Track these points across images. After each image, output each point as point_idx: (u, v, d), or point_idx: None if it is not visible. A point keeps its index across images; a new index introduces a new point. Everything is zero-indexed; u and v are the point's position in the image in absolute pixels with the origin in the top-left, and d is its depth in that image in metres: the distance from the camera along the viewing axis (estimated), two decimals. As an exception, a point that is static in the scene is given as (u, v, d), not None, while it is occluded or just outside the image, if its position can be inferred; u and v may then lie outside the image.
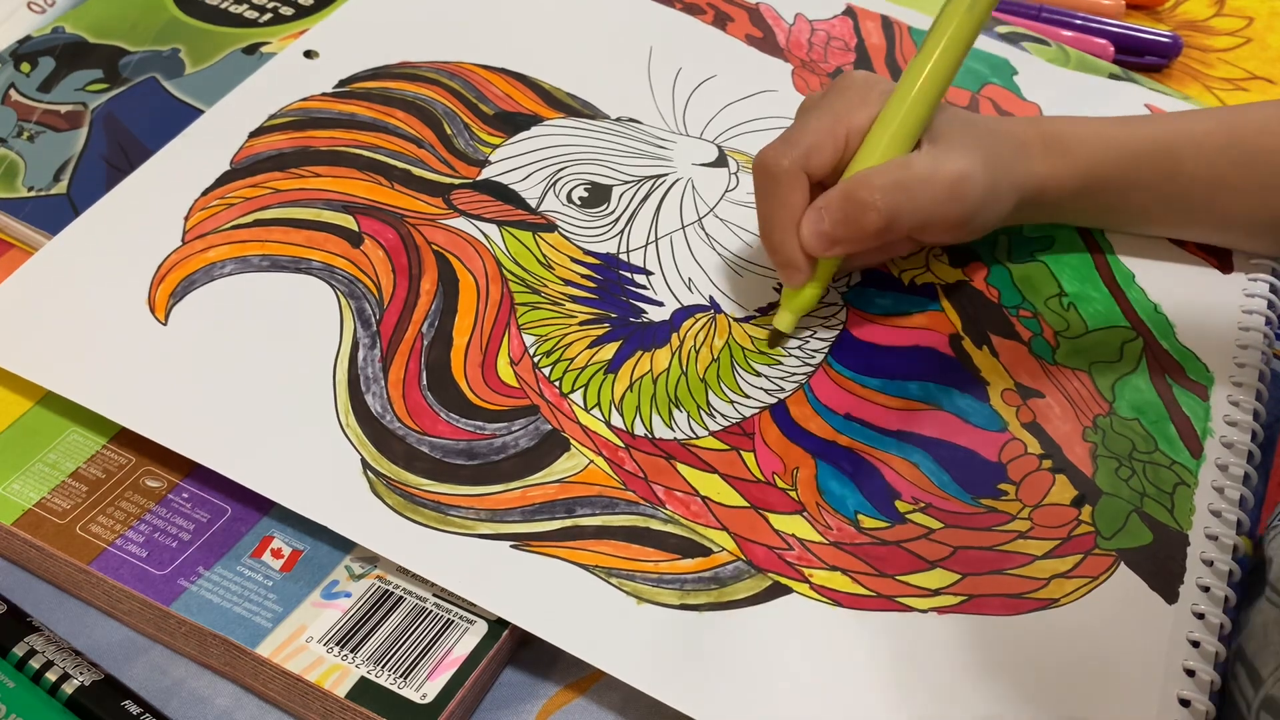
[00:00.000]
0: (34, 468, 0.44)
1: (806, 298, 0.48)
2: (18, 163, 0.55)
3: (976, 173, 0.47)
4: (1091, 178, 0.51)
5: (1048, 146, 0.50)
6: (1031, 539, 0.44)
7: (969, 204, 0.47)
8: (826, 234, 0.46)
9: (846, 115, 0.47)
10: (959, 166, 0.46)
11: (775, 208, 0.47)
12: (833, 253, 0.46)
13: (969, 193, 0.47)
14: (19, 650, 0.40)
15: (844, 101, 0.47)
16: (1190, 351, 0.51)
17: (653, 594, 0.41)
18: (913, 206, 0.46)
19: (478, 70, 0.59)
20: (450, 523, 0.42)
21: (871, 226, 0.45)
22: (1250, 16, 0.73)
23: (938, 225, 0.47)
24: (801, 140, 0.46)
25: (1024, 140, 0.50)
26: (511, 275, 0.50)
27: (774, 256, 0.47)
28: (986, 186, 0.47)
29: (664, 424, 0.46)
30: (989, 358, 0.49)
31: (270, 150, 0.54)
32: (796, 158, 0.46)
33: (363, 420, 0.45)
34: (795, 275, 0.47)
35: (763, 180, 0.47)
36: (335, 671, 0.39)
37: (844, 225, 0.45)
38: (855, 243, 0.46)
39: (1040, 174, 0.50)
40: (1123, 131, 0.51)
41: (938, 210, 0.46)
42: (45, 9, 0.63)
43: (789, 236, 0.46)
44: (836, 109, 0.47)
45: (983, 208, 0.48)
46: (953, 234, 0.49)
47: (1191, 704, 0.40)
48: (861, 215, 0.45)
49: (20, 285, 0.49)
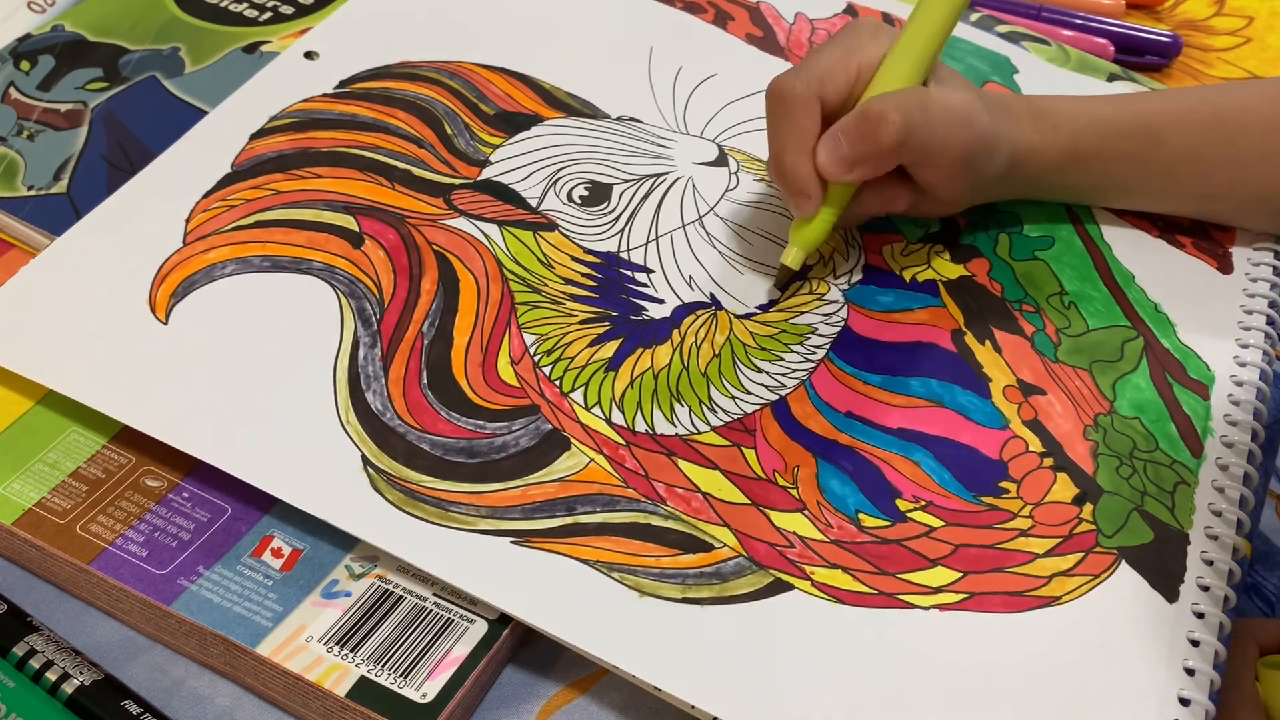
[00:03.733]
0: (34, 467, 0.44)
1: (816, 230, 0.49)
2: (17, 162, 0.55)
3: (981, 110, 0.48)
4: (1076, 151, 0.52)
5: (1036, 119, 0.51)
6: (1032, 537, 0.44)
7: (978, 133, 0.48)
8: (845, 156, 0.47)
9: (858, 49, 0.48)
10: (967, 97, 0.48)
11: (788, 132, 0.47)
12: (850, 177, 0.47)
13: (979, 122, 0.48)
14: (19, 650, 0.40)
15: (855, 37, 0.49)
16: (1191, 351, 0.51)
17: (655, 588, 0.41)
18: (927, 123, 0.47)
19: (478, 70, 0.59)
20: (451, 518, 0.42)
21: (888, 140, 0.46)
22: (1250, 16, 0.73)
23: (947, 153, 0.48)
24: (815, 67, 0.48)
25: (1014, 108, 0.51)
26: (512, 274, 0.50)
27: (784, 183, 0.48)
28: (989, 127, 0.49)
29: (665, 419, 0.46)
30: (991, 352, 0.50)
31: (271, 152, 0.54)
32: (811, 81, 0.47)
33: (363, 417, 0.45)
34: (805, 203, 0.48)
35: (776, 105, 0.48)
36: (335, 671, 0.39)
37: (861, 143, 0.46)
38: (872, 162, 0.47)
39: (1028, 141, 0.51)
40: (1106, 108, 0.52)
41: (950, 135, 0.47)
42: (45, 8, 0.63)
43: (801, 160, 0.47)
44: (849, 43, 0.49)
45: (986, 152, 0.49)
46: (960, 171, 0.49)
47: (1191, 703, 0.40)
48: (878, 129, 0.46)
49: (22, 286, 0.49)
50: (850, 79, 0.48)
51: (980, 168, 0.50)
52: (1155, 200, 0.55)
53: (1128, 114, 0.52)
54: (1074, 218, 0.56)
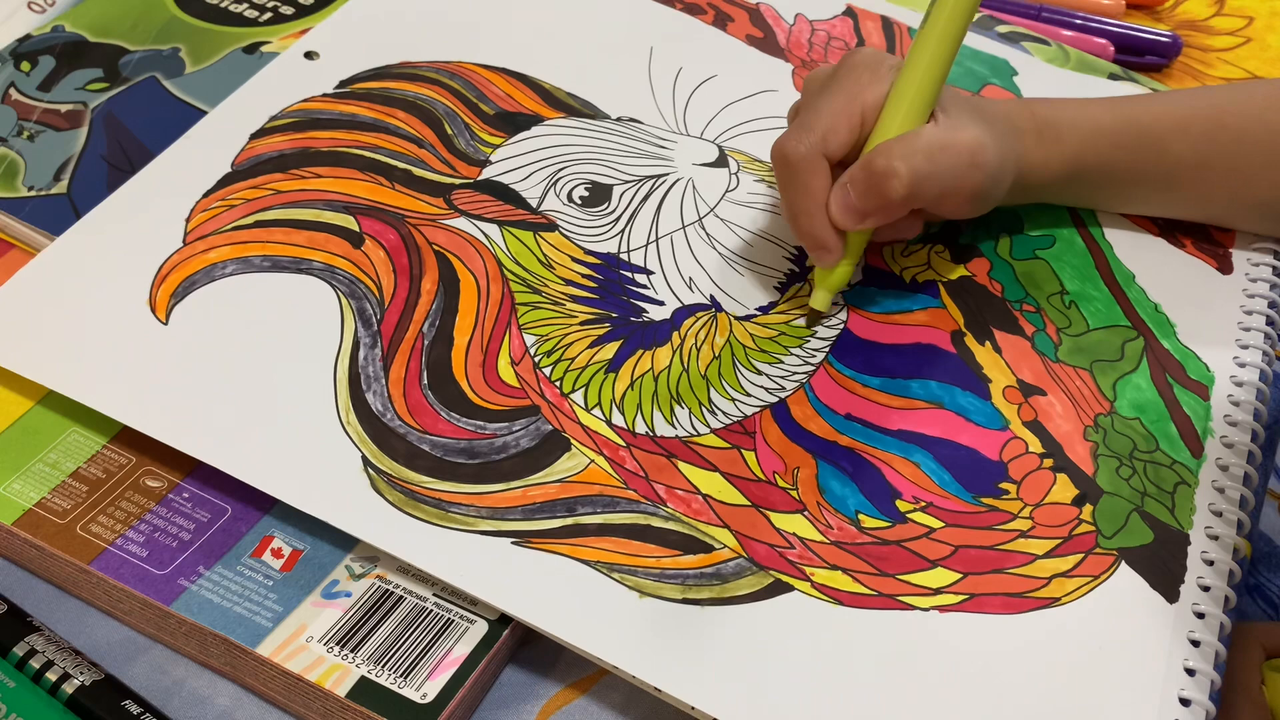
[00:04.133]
0: (34, 468, 0.44)
1: (840, 275, 0.49)
2: (18, 162, 0.55)
3: (989, 142, 0.48)
4: (1080, 163, 0.52)
5: (1040, 134, 0.51)
6: (1032, 538, 0.44)
7: (987, 171, 0.48)
8: (855, 207, 0.47)
9: (859, 93, 0.47)
10: (974, 134, 0.47)
11: (799, 195, 0.47)
12: (863, 225, 0.47)
13: (987, 160, 0.48)
14: (19, 650, 0.40)
15: (855, 80, 0.48)
16: (1191, 351, 0.51)
17: (655, 588, 0.41)
18: (935, 172, 0.46)
19: (478, 70, 0.59)
20: (451, 519, 0.42)
21: (896, 194, 0.46)
22: (1250, 16, 0.73)
23: (957, 194, 0.48)
24: (817, 125, 0.47)
25: (1018, 125, 0.51)
26: (512, 275, 0.50)
27: (804, 241, 0.48)
28: (997, 163, 0.48)
29: (665, 421, 0.46)
30: (991, 353, 0.50)
31: (271, 152, 0.54)
32: (814, 143, 0.47)
33: (363, 418, 0.45)
34: (827, 256, 0.48)
35: (783, 170, 0.48)
36: (335, 671, 0.39)
37: (869, 196, 0.46)
38: (882, 212, 0.47)
39: (1032, 158, 0.51)
40: (1110, 116, 0.52)
41: (959, 178, 0.47)
42: (45, 8, 0.63)
43: (817, 219, 0.47)
44: (849, 88, 0.48)
45: (993, 184, 0.49)
46: (970, 205, 0.49)
47: (1192, 704, 0.40)
48: (886, 183, 0.46)
49: (22, 286, 0.49)
50: (855, 127, 0.47)
51: (990, 195, 0.50)
52: (1158, 205, 0.55)
53: (1131, 123, 0.52)
54: (1075, 217, 0.56)
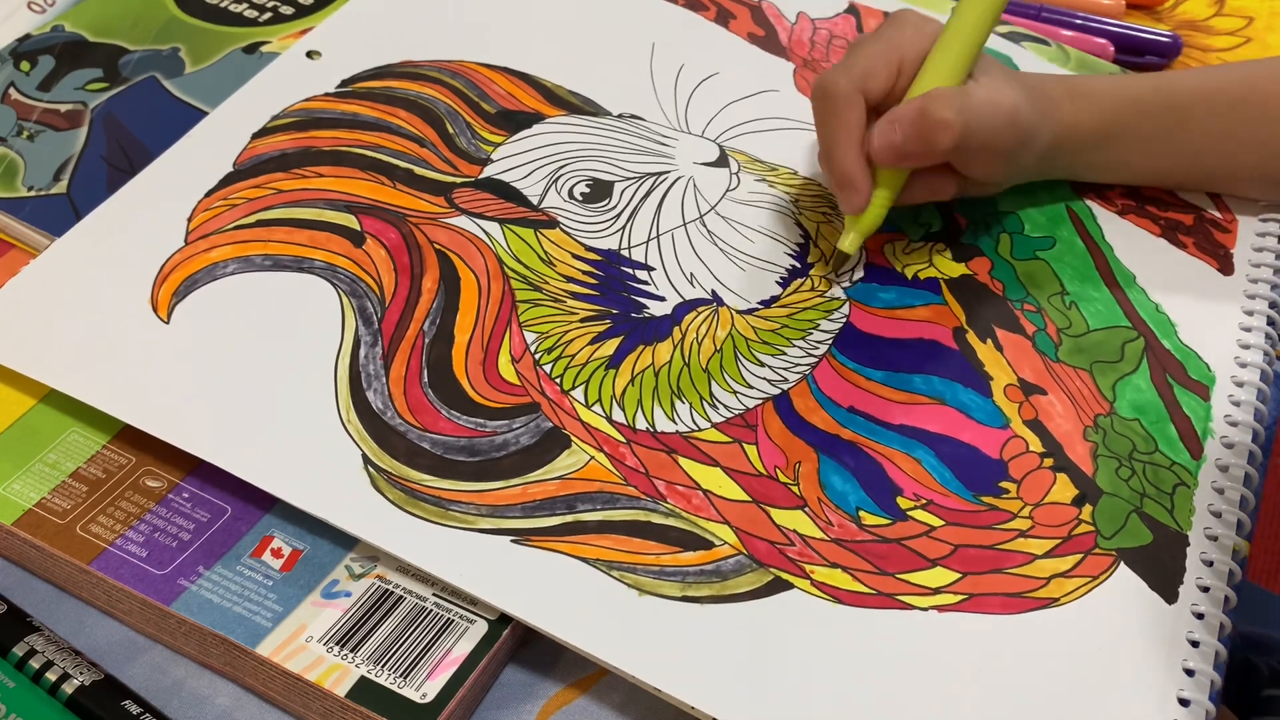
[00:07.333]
0: (34, 468, 0.44)
1: (872, 217, 0.50)
2: (17, 162, 0.55)
3: (1024, 106, 0.50)
4: (1111, 128, 0.54)
5: (1073, 98, 0.53)
6: (1032, 538, 0.44)
7: (1021, 133, 0.50)
8: (897, 146, 0.48)
9: (901, 44, 0.50)
10: (1013, 97, 0.49)
11: (835, 127, 0.49)
12: (900, 164, 0.49)
13: (1022, 123, 0.50)
14: (19, 650, 0.40)
15: (899, 32, 0.50)
16: (1191, 351, 0.51)
17: (654, 586, 0.41)
18: (981, 127, 0.48)
19: (479, 69, 0.59)
20: (451, 517, 0.42)
21: (945, 143, 0.48)
22: (1250, 16, 0.73)
23: (993, 151, 0.50)
24: (858, 64, 0.49)
25: (1049, 91, 0.52)
26: (513, 272, 0.50)
27: (834, 177, 0.49)
28: (1032, 122, 0.50)
29: (666, 416, 0.46)
30: (993, 351, 0.50)
31: (273, 151, 0.54)
32: (855, 78, 0.49)
33: (364, 416, 0.45)
34: (855, 197, 0.49)
35: (822, 102, 0.49)
36: (335, 671, 0.39)
37: (916, 139, 0.48)
38: (921, 157, 0.48)
39: (1066, 121, 0.53)
40: (1137, 86, 0.54)
41: (997, 136, 0.49)
42: (45, 8, 0.63)
43: (849, 154, 0.49)
44: (892, 37, 0.50)
45: (1026, 144, 0.51)
46: (1001, 167, 0.51)
47: (1191, 704, 0.40)
48: (937, 131, 0.47)
49: (23, 286, 0.49)
50: (893, 74, 0.49)
51: (1020, 158, 0.51)
52: (1188, 177, 0.57)
53: (1159, 91, 0.54)
54: (1075, 218, 0.56)
